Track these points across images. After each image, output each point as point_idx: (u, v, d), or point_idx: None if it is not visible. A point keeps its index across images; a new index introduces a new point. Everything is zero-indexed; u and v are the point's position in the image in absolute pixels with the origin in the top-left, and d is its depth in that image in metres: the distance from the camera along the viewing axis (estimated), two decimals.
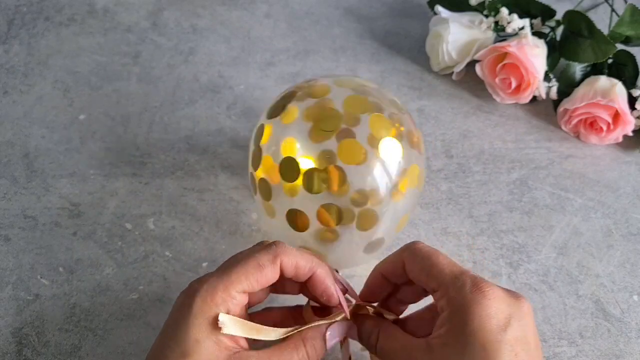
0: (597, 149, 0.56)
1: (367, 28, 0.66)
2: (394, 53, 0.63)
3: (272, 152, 0.40)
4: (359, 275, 0.46)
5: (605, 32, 0.55)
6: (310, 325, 0.36)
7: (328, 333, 0.36)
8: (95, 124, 0.56)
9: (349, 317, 0.37)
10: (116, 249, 0.48)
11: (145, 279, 0.46)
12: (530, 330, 0.32)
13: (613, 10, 0.61)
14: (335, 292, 0.36)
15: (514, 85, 0.56)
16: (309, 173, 0.39)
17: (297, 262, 0.35)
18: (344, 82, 0.42)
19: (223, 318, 0.32)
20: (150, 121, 0.57)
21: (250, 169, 0.43)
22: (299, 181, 0.39)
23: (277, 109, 0.41)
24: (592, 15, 0.56)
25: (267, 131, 0.41)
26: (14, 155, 0.54)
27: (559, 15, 0.58)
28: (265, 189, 0.41)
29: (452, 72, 0.60)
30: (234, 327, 0.33)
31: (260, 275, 0.33)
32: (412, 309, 0.39)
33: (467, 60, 0.58)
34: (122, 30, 0.65)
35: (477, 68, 0.58)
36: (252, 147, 0.43)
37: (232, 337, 0.33)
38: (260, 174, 0.41)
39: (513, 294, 0.33)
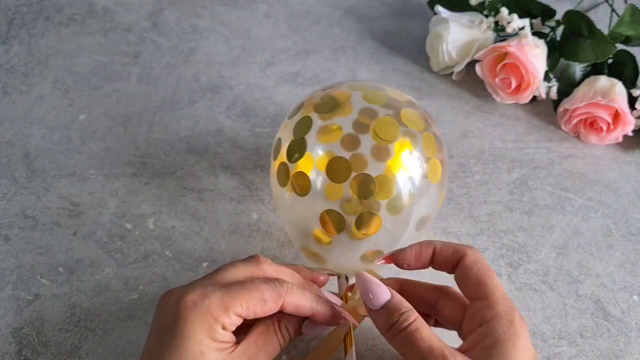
0: (597, 149, 0.56)
1: (367, 28, 0.66)
2: (394, 53, 0.63)
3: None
4: None
5: (605, 32, 0.55)
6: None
7: (303, 323, 0.37)
8: (95, 124, 0.56)
9: (357, 325, 0.38)
10: (116, 249, 0.48)
11: (145, 279, 0.46)
12: None
13: (613, 10, 0.61)
14: (343, 318, 0.37)
15: (514, 85, 0.56)
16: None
17: (298, 302, 0.35)
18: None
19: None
20: (150, 121, 0.57)
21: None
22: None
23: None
24: (592, 15, 0.56)
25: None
26: (14, 155, 0.54)
27: (559, 15, 0.58)
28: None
29: (452, 72, 0.60)
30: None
31: (260, 309, 0.34)
32: None
33: (467, 60, 0.58)
34: (122, 30, 0.65)
35: (477, 68, 0.58)
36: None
37: (227, 340, 0.34)
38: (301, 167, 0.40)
39: None
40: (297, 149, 0.40)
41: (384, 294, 0.35)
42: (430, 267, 0.39)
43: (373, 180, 0.38)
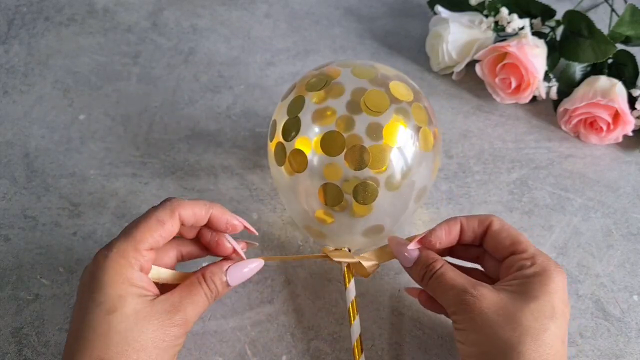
0: (597, 149, 0.56)
1: (367, 28, 0.66)
2: (394, 53, 0.63)
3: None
4: None
5: (605, 32, 0.55)
6: (211, 264, 0.39)
7: (228, 269, 0.39)
8: (95, 124, 0.56)
9: (244, 257, 0.40)
10: None
11: None
12: (567, 329, 0.37)
13: (613, 10, 0.61)
14: (239, 221, 0.40)
15: (514, 85, 0.56)
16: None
17: (193, 210, 0.38)
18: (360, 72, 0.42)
19: (154, 271, 0.37)
20: (150, 121, 0.57)
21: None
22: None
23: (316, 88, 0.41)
24: (592, 15, 0.56)
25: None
26: (14, 155, 0.54)
27: (559, 15, 0.58)
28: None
29: (452, 72, 0.60)
30: (164, 276, 0.38)
31: (162, 230, 0.37)
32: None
33: (467, 60, 0.58)
34: (122, 30, 0.65)
35: (477, 68, 0.58)
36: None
37: (146, 287, 0.36)
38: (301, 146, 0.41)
39: None
40: (293, 128, 0.41)
41: (414, 252, 0.40)
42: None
43: (367, 150, 0.39)
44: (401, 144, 0.40)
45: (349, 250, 0.43)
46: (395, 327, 0.44)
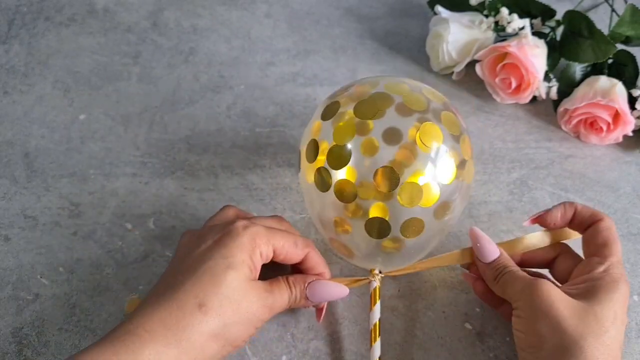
0: (597, 149, 0.56)
1: (368, 28, 0.66)
2: (394, 53, 0.63)
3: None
4: None
5: (605, 32, 0.55)
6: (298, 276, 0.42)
7: (310, 282, 0.41)
8: (95, 124, 0.56)
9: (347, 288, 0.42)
10: (116, 249, 0.48)
11: (145, 279, 0.46)
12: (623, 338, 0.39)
13: (613, 10, 0.61)
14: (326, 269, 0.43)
15: (514, 85, 0.56)
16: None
17: (318, 259, 0.42)
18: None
19: None
20: (150, 121, 0.57)
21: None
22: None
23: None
24: (592, 15, 0.56)
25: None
26: (14, 155, 0.54)
27: (559, 15, 0.58)
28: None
29: (452, 72, 0.60)
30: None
31: (293, 251, 0.41)
32: None
33: (467, 60, 0.58)
34: (122, 30, 0.65)
35: (477, 68, 0.58)
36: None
37: (257, 268, 0.39)
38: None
39: None
40: (340, 157, 0.40)
41: (494, 252, 0.41)
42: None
43: (419, 188, 0.39)
44: (447, 180, 0.40)
45: (380, 272, 0.43)
46: (395, 327, 0.44)
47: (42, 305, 0.45)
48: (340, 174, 0.40)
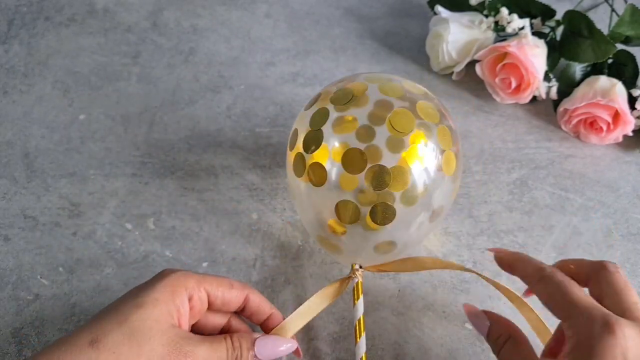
0: (597, 149, 0.56)
1: (367, 28, 0.66)
2: (394, 53, 0.63)
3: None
4: None
5: (605, 32, 0.55)
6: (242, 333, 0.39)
7: (258, 340, 0.38)
8: (95, 124, 0.56)
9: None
10: (116, 249, 0.48)
11: (145, 279, 0.46)
12: None
13: (613, 10, 0.61)
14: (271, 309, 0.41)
15: (514, 85, 0.56)
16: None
17: (261, 301, 0.40)
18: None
19: None
20: (150, 121, 0.57)
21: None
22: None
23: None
24: (592, 15, 0.56)
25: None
26: (14, 155, 0.54)
27: (559, 15, 0.58)
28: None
29: (452, 72, 0.60)
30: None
31: (228, 292, 0.38)
32: None
33: (467, 60, 0.58)
34: (122, 30, 0.65)
35: (477, 68, 0.58)
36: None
37: (180, 313, 0.36)
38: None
39: None
40: (314, 141, 0.40)
41: (484, 326, 0.38)
42: None
43: (388, 171, 0.38)
44: (423, 166, 0.39)
45: (360, 267, 0.43)
46: (395, 327, 0.44)
47: (42, 305, 0.45)
48: (313, 157, 0.40)
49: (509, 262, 0.39)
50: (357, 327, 0.41)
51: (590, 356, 0.29)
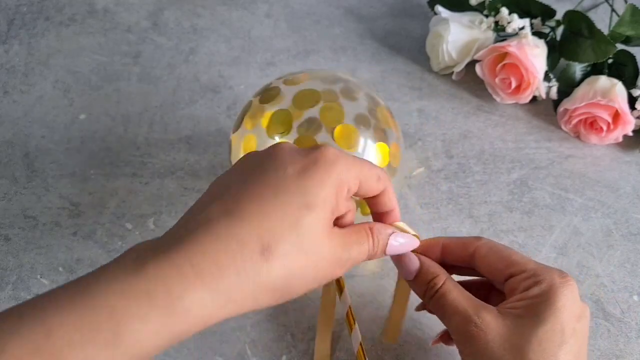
0: (597, 149, 0.56)
1: (368, 28, 0.66)
2: (394, 53, 0.63)
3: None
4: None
5: (605, 32, 0.55)
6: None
7: (393, 234, 0.35)
8: (95, 124, 0.56)
9: (418, 237, 0.37)
10: (116, 249, 0.48)
11: None
12: (586, 335, 0.34)
13: (613, 10, 0.61)
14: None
15: (514, 85, 0.56)
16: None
17: (393, 197, 0.35)
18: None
19: None
20: (150, 121, 0.57)
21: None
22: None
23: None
24: (592, 15, 0.56)
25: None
26: (14, 155, 0.54)
27: (559, 15, 0.58)
28: None
29: (452, 72, 0.60)
30: None
31: (373, 186, 0.33)
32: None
33: (467, 60, 0.58)
34: (122, 30, 0.65)
35: (477, 68, 0.58)
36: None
37: (339, 211, 0.32)
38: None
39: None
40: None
41: (413, 264, 0.36)
42: None
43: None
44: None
45: None
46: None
47: None
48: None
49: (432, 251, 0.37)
50: (348, 319, 0.40)
51: (552, 301, 0.33)
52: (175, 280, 0.26)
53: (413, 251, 0.37)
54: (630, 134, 0.54)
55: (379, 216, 0.36)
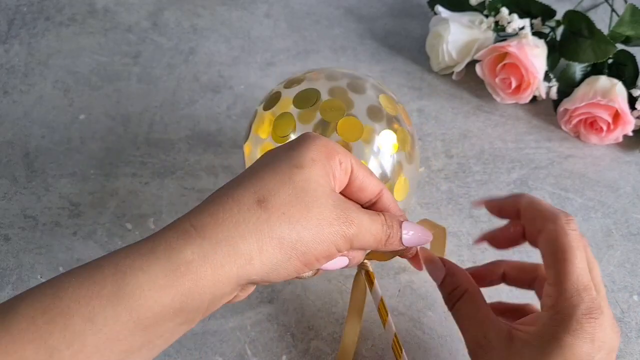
0: (597, 149, 0.56)
1: (368, 28, 0.66)
2: (394, 53, 0.63)
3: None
4: None
5: (605, 32, 0.55)
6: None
7: (403, 222, 0.34)
8: (95, 124, 0.56)
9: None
10: (116, 249, 0.48)
11: None
12: None
13: (613, 10, 0.61)
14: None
15: (514, 85, 0.56)
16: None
17: (392, 201, 0.35)
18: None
19: None
20: (150, 121, 0.57)
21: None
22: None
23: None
24: (592, 15, 0.56)
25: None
26: (14, 155, 0.54)
27: (559, 15, 0.58)
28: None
29: (452, 72, 0.60)
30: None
31: (368, 178, 0.33)
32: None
33: (467, 60, 0.58)
34: (122, 30, 0.65)
35: (477, 68, 0.58)
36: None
37: (335, 177, 0.32)
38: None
39: (616, 327, 0.32)
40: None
41: (439, 271, 0.36)
42: None
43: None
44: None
45: (365, 262, 0.42)
46: (395, 327, 0.44)
47: None
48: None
49: (511, 207, 0.37)
50: (381, 311, 0.40)
51: (563, 336, 0.30)
52: (175, 237, 0.27)
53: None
54: (630, 134, 0.54)
55: None
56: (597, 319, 0.30)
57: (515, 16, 0.57)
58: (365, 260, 0.42)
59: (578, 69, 0.57)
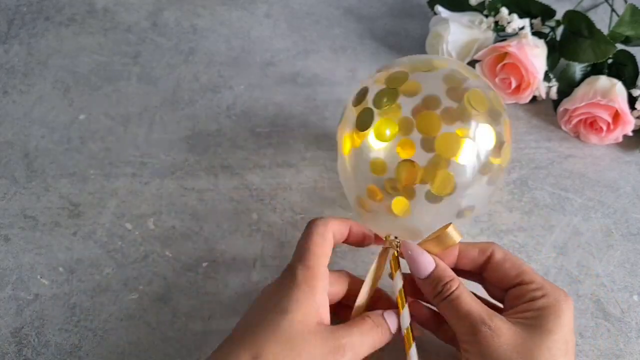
0: (597, 149, 0.56)
1: (367, 28, 0.66)
2: (394, 53, 0.63)
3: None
4: None
5: (605, 32, 0.55)
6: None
7: (386, 314, 0.39)
8: (95, 124, 0.56)
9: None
10: (116, 249, 0.48)
11: (145, 279, 0.46)
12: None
13: (613, 10, 0.61)
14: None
15: (514, 85, 0.56)
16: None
17: (360, 228, 0.42)
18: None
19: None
20: (150, 121, 0.57)
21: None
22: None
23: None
24: (592, 15, 0.56)
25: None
26: (14, 155, 0.54)
27: (559, 15, 0.58)
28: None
29: None
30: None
31: (342, 230, 0.40)
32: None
33: (467, 60, 0.58)
34: (122, 30, 0.65)
35: (477, 68, 0.58)
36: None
37: (324, 310, 0.36)
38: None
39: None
40: (388, 96, 0.40)
41: (429, 264, 0.38)
42: None
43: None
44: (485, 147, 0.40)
45: (395, 238, 0.42)
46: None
47: (42, 305, 0.45)
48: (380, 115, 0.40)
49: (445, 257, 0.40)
50: (400, 299, 0.39)
51: (559, 314, 0.36)
52: None
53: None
54: (630, 134, 0.54)
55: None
56: (571, 301, 0.37)
57: (515, 16, 0.57)
58: (394, 238, 0.42)
59: (578, 69, 0.57)
